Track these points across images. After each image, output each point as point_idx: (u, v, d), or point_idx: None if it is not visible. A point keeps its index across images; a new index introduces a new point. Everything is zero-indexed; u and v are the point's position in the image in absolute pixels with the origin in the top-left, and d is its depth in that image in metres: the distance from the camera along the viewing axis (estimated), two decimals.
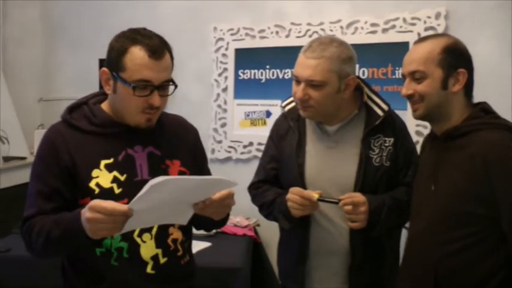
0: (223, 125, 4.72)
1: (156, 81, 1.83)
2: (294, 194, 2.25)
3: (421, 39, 2.07)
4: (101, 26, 4.99)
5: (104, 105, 2.01)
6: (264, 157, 2.60)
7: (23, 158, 4.81)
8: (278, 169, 2.50)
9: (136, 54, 1.81)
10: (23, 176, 4.58)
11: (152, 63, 1.81)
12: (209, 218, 1.87)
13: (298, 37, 4.41)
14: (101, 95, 2.06)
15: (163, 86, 1.88)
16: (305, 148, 2.39)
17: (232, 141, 4.70)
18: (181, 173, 2.00)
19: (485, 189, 1.85)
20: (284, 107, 2.54)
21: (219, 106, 4.72)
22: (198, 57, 4.67)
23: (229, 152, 4.70)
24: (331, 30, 4.31)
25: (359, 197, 2.20)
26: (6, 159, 4.63)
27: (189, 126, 2.19)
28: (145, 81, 1.82)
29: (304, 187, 2.31)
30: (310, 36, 4.32)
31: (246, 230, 4.03)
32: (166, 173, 1.95)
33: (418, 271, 2.03)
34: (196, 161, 2.10)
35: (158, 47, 1.83)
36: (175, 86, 1.92)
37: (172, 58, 1.92)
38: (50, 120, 5.17)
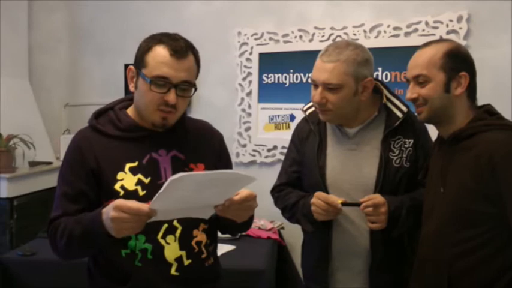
0: (248, 129, 4.76)
1: (175, 79, 1.88)
2: (318, 199, 2.28)
3: (424, 45, 2.12)
4: (127, 31, 5.07)
5: (130, 111, 2.06)
6: (285, 160, 2.63)
7: (49, 163, 4.89)
8: (300, 172, 2.53)
9: (159, 52, 1.88)
10: (49, 181, 4.68)
11: (173, 61, 1.87)
12: (232, 220, 1.89)
13: (321, 41, 4.45)
14: (127, 101, 2.11)
15: (182, 86, 1.91)
16: (326, 151, 2.42)
17: (256, 145, 4.75)
18: None
19: (492, 188, 1.87)
20: (305, 110, 2.57)
21: (244, 110, 4.77)
22: (222, 62, 4.72)
23: (254, 155, 4.75)
24: (354, 35, 4.34)
25: (379, 198, 2.22)
26: (32, 164, 4.71)
27: (214, 130, 2.22)
28: (163, 78, 1.87)
29: (325, 189, 2.35)
30: (334, 40, 4.34)
31: (270, 233, 4.05)
32: None
33: (431, 272, 2.05)
34: (220, 166, 2.12)
35: (182, 48, 1.88)
36: (195, 89, 1.96)
37: (198, 62, 1.97)
38: (75, 125, 5.30)
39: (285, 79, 4.60)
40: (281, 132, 4.64)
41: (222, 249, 3.45)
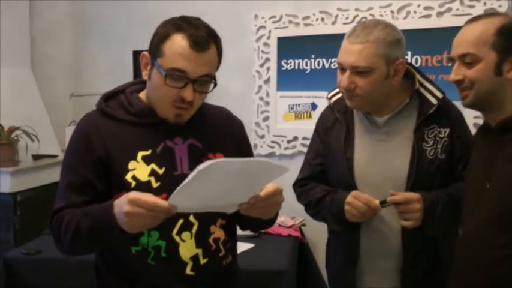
0: (266, 119, 4.73)
1: (193, 74, 1.82)
2: (356, 200, 2.23)
3: (473, 19, 1.96)
4: (135, 16, 5.06)
5: (142, 95, 2.01)
6: (309, 152, 2.59)
7: (54, 156, 4.92)
8: (324, 165, 2.49)
9: (177, 42, 1.81)
10: (54, 175, 4.70)
11: (192, 54, 1.80)
12: (256, 217, 1.85)
13: (345, 24, 4.40)
14: (139, 84, 2.07)
15: (201, 81, 1.85)
16: (353, 141, 2.38)
17: (275, 135, 4.71)
18: None
19: None
20: (330, 98, 2.53)
21: (261, 99, 4.74)
22: (238, 47, 4.68)
23: (273, 147, 4.72)
24: (381, 16, 4.28)
25: (411, 193, 2.19)
26: (36, 157, 4.73)
27: (234, 118, 2.18)
28: (180, 72, 1.81)
29: (353, 183, 2.31)
30: (358, 22, 4.25)
31: (291, 231, 4.02)
32: None
33: (471, 275, 1.94)
34: (240, 156, 2.06)
35: (203, 39, 1.82)
36: (215, 84, 1.90)
37: (219, 53, 1.91)
38: (81, 116, 5.24)
39: (306, 65, 4.56)
40: (302, 122, 4.60)
41: (240, 247, 3.39)
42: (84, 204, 1.86)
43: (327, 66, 4.49)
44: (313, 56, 4.54)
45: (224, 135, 2.07)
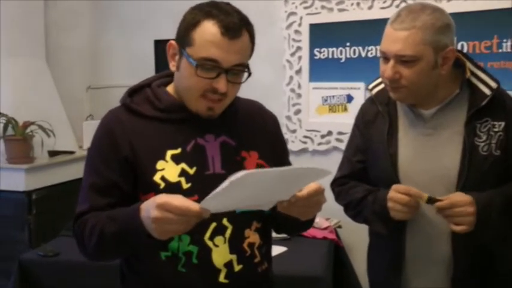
0: (298, 112, 4.73)
1: (225, 63, 1.79)
2: (398, 193, 2.17)
3: None
4: (157, 3, 5.06)
5: (170, 88, 1.99)
6: (348, 148, 2.56)
7: (71, 153, 4.96)
8: (365, 162, 2.45)
9: (208, 29, 1.78)
10: (71, 172, 4.74)
11: (224, 42, 1.77)
12: (295, 218, 1.82)
13: (382, 8, 4.38)
14: (166, 77, 2.04)
15: (234, 71, 1.82)
16: (397, 136, 2.33)
17: (308, 130, 4.71)
18: (259, 166, 1.96)
19: None
20: (371, 89, 2.49)
21: (293, 90, 4.74)
22: (267, 35, 4.66)
23: (305, 142, 4.70)
24: None
25: (460, 196, 2.12)
26: (52, 153, 4.77)
27: (268, 113, 2.16)
28: (212, 61, 1.78)
29: (397, 182, 2.26)
30: (397, 6, 4.26)
31: (326, 233, 4.00)
32: (241, 166, 1.91)
33: None
34: (275, 154, 2.06)
35: (235, 25, 1.78)
36: (249, 74, 1.88)
37: (252, 41, 1.87)
38: (99, 110, 5.32)
39: (341, 54, 4.55)
40: (336, 115, 4.59)
41: (272, 251, 3.41)
42: (108, 207, 1.85)
43: (363, 54, 4.47)
44: (348, 43, 4.52)
45: (258, 132, 2.05)
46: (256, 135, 2.03)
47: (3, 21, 4.82)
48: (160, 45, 4.99)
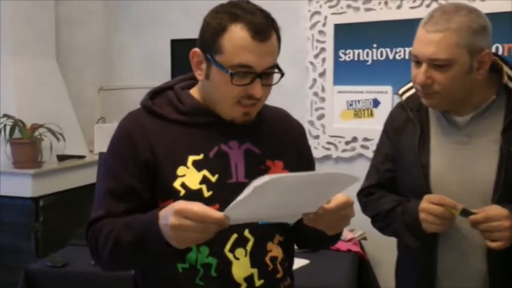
0: (321, 117, 4.74)
1: (259, 67, 1.79)
2: (431, 203, 2.16)
3: None
4: (173, 1, 5.07)
5: (193, 91, 2.00)
6: (376, 156, 2.55)
7: (81, 157, 4.99)
8: (394, 171, 2.45)
9: (237, 34, 1.78)
10: (81, 178, 4.76)
11: (255, 45, 1.77)
12: (320, 232, 1.81)
13: (412, 8, 4.36)
14: (189, 80, 2.05)
15: (267, 74, 1.84)
16: (429, 144, 2.32)
17: (331, 136, 4.71)
18: None
19: None
20: (401, 94, 2.47)
21: (316, 94, 4.75)
22: (289, 35, 4.56)
23: (328, 149, 4.71)
24: None
25: (496, 209, 2.09)
26: (61, 158, 4.80)
27: (294, 121, 2.16)
28: (246, 67, 1.79)
29: (429, 192, 2.24)
30: (428, 6, 4.26)
31: (350, 245, 3.99)
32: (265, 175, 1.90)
33: None
34: (301, 164, 2.05)
35: (264, 26, 1.79)
36: (282, 74, 1.88)
37: (279, 39, 1.88)
38: (111, 112, 5.35)
39: (367, 56, 4.55)
40: (362, 120, 4.59)
41: (294, 264, 3.41)
42: (125, 214, 1.85)
43: (391, 57, 4.46)
44: (375, 45, 4.52)
45: (284, 140, 2.05)
46: (282, 144, 2.04)
47: (12, 19, 4.85)
48: (177, 45, 5.04)
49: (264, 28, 1.79)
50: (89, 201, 4.14)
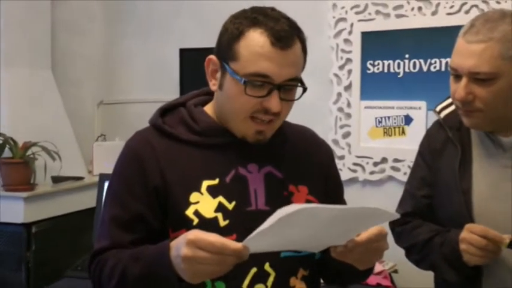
0: (347, 135, 4.75)
1: (278, 78, 1.79)
2: (473, 234, 2.16)
3: None
4: (182, 5, 5.10)
5: (208, 108, 2.01)
6: (411, 180, 2.55)
7: (79, 179, 4.99)
8: (432, 197, 2.45)
9: (255, 39, 1.79)
10: (79, 202, 4.77)
11: (275, 53, 1.77)
12: (350, 266, 1.80)
13: (449, 14, 4.33)
14: (204, 95, 2.07)
15: (287, 87, 1.84)
16: (471, 168, 2.33)
17: (358, 156, 4.72)
18: (308, 202, 1.95)
19: None
20: (439, 112, 2.48)
21: (341, 110, 4.75)
22: (311, 45, 4.52)
23: (355, 171, 4.71)
24: (498, 3, 4.19)
25: None
26: (57, 179, 4.80)
27: (321, 141, 2.18)
28: (263, 76, 1.79)
29: (471, 221, 2.24)
30: (467, 12, 4.20)
31: (379, 278, 3.98)
32: (288, 202, 1.85)
33: None
34: (328, 189, 2.07)
35: (286, 33, 1.79)
36: (304, 89, 1.88)
37: (305, 50, 1.88)
38: (113, 129, 5.36)
39: (398, 67, 4.55)
40: (393, 139, 4.59)
41: None
42: (132, 245, 1.85)
43: (425, 68, 4.44)
44: (407, 55, 4.52)
45: (309, 163, 2.06)
46: (307, 166, 2.04)
47: (3, 24, 4.88)
48: (186, 54, 5.05)
49: (287, 35, 1.79)
50: (87, 228, 4.18)
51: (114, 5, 5.40)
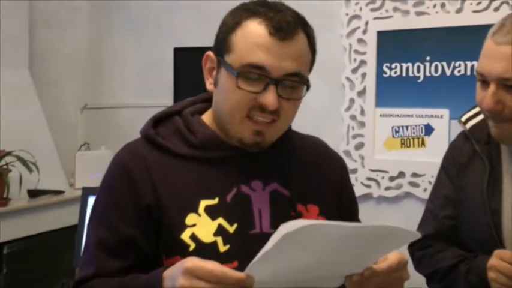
0: (360, 146, 4.77)
1: (275, 71, 1.76)
2: (503, 261, 2.15)
3: None
4: (178, 1, 5.10)
5: (206, 117, 1.99)
6: (433, 199, 2.54)
7: (59, 193, 4.99)
8: (457, 218, 2.44)
9: (252, 29, 1.78)
10: (59, 219, 4.76)
11: (273, 43, 1.76)
12: None
13: (476, 12, 4.32)
14: (202, 102, 2.05)
15: (287, 82, 1.80)
16: (501, 186, 2.31)
17: (372, 170, 4.73)
18: None
19: None
20: (465, 122, 2.47)
21: (353, 118, 4.77)
22: (321, 45, 4.55)
23: (368, 186, 4.72)
24: None
25: None
26: (34, 193, 4.80)
27: (333, 154, 2.16)
28: (258, 68, 1.76)
29: (500, 246, 2.24)
30: (497, 9, 4.19)
31: None
32: None
33: None
34: (341, 210, 2.05)
35: (288, 24, 1.78)
36: (307, 86, 1.85)
37: (312, 46, 1.86)
38: (98, 137, 5.35)
39: (418, 71, 4.57)
40: (411, 151, 4.61)
41: None
42: (120, 272, 1.82)
43: (448, 72, 4.46)
44: (428, 58, 4.54)
45: (320, 179, 2.04)
46: (318, 184, 2.03)
47: None
48: (181, 54, 5.05)
49: (288, 26, 1.77)
50: (66, 249, 4.17)
51: None
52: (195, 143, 1.92)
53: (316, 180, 2.03)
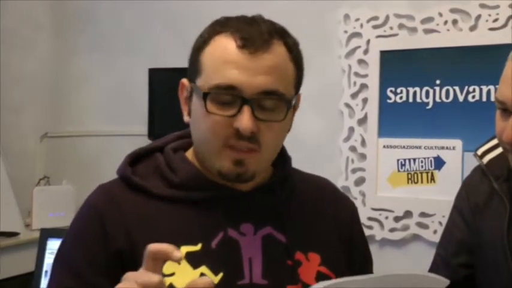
0: (361, 182, 4.77)
1: (248, 89, 1.73)
2: None
3: None
4: (154, 16, 5.13)
5: (190, 154, 1.97)
6: (445, 244, 2.53)
7: (13, 234, 4.94)
8: (474, 266, 2.42)
9: (220, 44, 1.76)
10: (12, 266, 4.71)
11: (242, 57, 1.72)
12: None
13: (492, 29, 4.33)
14: (188, 137, 2.01)
15: (264, 102, 1.77)
16: None
17: (375, 209, 4.72)
18: (319, 274, 1.91)
19: None
20: (481, 156, 2.46)
21: (353, 149, 4.78)
22: (317, 66, 4.68)
23: (370, 227, 4.71)
24: None
25: None
26: None
27: (341, 196, 2.15)
28: (228, 88, 1.74)
29: None
30: None
31: None
32: (294, 273, 1.86)
33: None
34: (350, 260, 2.03)
35: (259, 34, 1.74)
36: (289, 106, 1.81)
37: (296, 61, 1.83)
38: (60, 170, 5.34)
39: (427, 96, 4.58)
40: (419, 187, 4.61)
41: None
42: None
43: (461, 98, 4.45)
44: (438, 81, 4.55)
45: (325, 225, 2.02)
46: (322, 229, 2.00)
47: None
48: (157, 75, 5.03)
49: (261, 37, 1.75)
50: None
51: (66, 10, 5.40)
52: (176, 182, 1.90)
53: (320, 226, 2.01)
